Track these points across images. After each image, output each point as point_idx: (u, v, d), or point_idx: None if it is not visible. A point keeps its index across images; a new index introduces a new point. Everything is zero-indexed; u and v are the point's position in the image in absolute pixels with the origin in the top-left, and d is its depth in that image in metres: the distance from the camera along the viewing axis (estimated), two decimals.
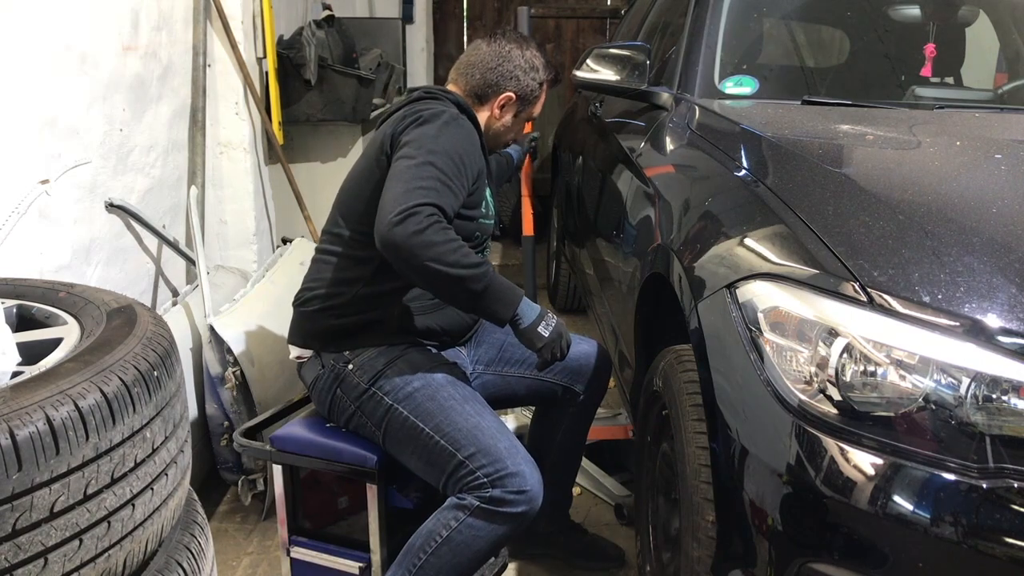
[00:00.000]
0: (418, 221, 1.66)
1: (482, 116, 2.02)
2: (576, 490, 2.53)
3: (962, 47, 2.78)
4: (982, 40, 2.82)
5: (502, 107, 2.02)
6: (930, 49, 2.42)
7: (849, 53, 2.67)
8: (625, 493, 2.57)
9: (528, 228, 3.23)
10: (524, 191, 3.24)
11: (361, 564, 1.92)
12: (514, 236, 3.18)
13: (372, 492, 1.86)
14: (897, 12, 2.68)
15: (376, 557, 1.90)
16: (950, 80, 2.75)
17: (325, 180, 3.85)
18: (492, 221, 2.08)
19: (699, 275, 1.59)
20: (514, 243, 4.91)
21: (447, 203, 1.74)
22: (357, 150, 4.04)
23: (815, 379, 1.26)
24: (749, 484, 1.34)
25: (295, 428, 1.97)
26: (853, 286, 1.26)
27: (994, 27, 2.82)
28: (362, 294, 1.91)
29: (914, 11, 2.69)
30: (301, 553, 2.00)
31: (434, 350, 1.98)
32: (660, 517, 1.81)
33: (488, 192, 2.05)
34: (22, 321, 1.54)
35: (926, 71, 2.42)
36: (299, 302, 2.00)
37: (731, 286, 1.44)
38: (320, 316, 1.94)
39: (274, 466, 1.98)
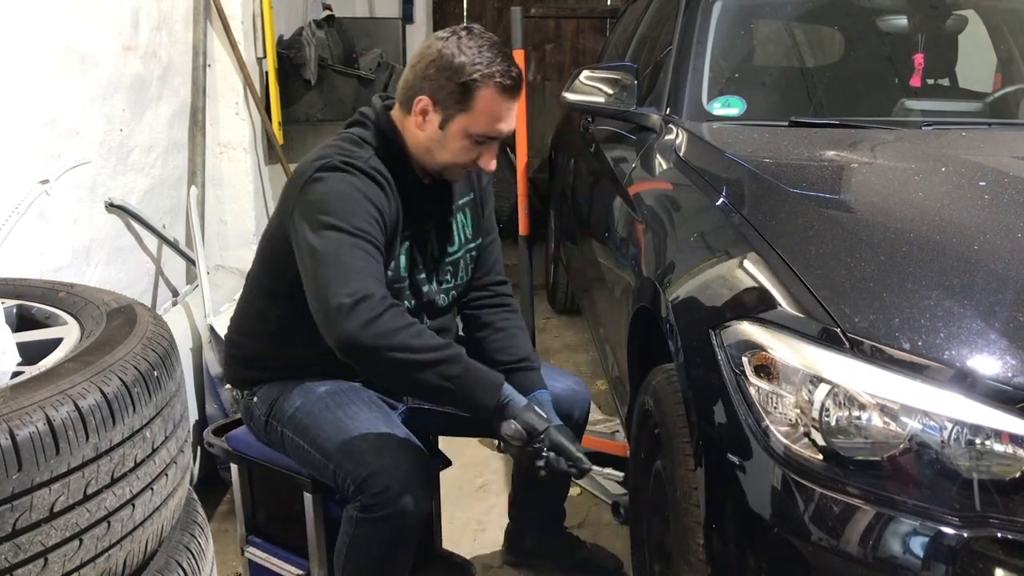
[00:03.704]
0: (370, 308, 1.51)
1: (409, 127, 1.73)
2: (575, 491, 2.54)
3: (954, 54, 2.78)
4: (981, 40, 2.83)
5: (422, 113, 1.69)
6: (919, 59, 2.42)
7: (838, 67, 2.68)
8: (621, 491, 2.57)
9: (523, 228, 3.22)
10: (520, 191, 3.24)
11: (301, 572, 1.92)
12: (513, 236, 3.18)
13: (309, 501, 1.85)
14: (886, 23, 2.68)
15: (314, 565, 1.89)
16: (944, 82, 2.75)
17: None
18: (422, 286, 1.79)
19: (685, 313, 1.59)
20: (512, 243, 4.91)
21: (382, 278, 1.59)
22: None
23: (799, 423, 1.26)
24: (734, 526, 1.35)
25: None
26: (835, 332, 1.26)
27: (988, 32, 2.83)
28: (265, 353, 1.85)
29: (902, 21, 2.70)
30: (253, 553, 2.01)
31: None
32: (655, 535, 1.81)
33: (405, 248, 1.78)
34: (22, 321, 1.54)
35: (915, 81, 2.42)
36: (225, 338, 1.97)
37: (716, 327, 1.44)
38: (232, 363, 1.93)
39: (232, 465, 2.00)
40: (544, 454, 1.61)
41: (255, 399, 1.86)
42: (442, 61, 1.65)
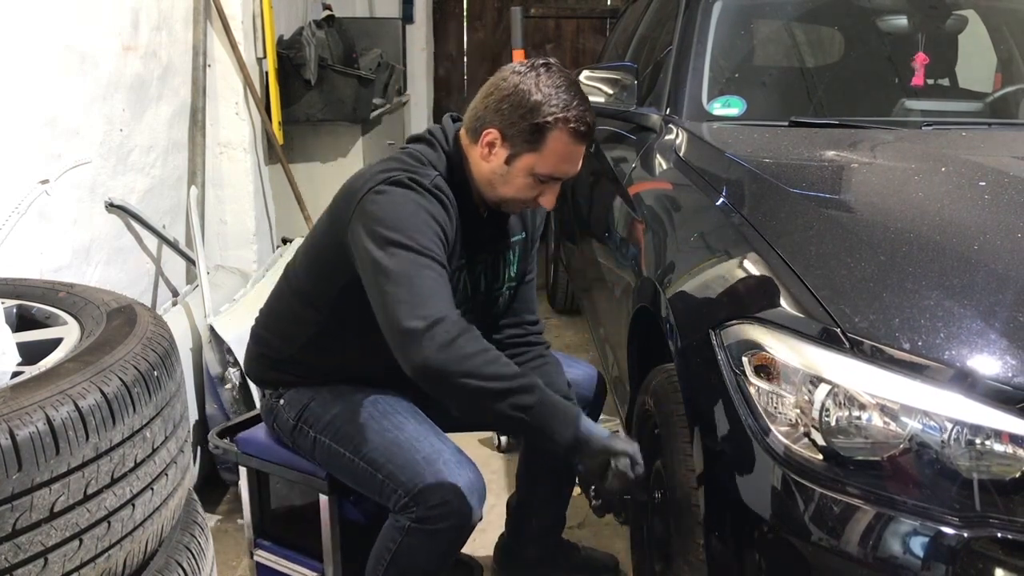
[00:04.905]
0: (445, 331, 1.46)
1: (473, 156, 1.70)
2: (576, 490, 2.53)
3: (954, 54, 2.79)
4: (981, 40, 2.83)
5: (489, 145, 1.66)
6: (920, 59, 2.42)
7: (838, 67, 2.68)
8: None
9: None
10: None
11: (314, 574, 1.92)
12: None
13: (325, 503, 1.84)
14: (886, 23, 2.68)
15: (328, 567, 1.89)
16: (944, 82, 2.75)
17: (325, 180, 3.85)
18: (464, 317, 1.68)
19: (685, 313, 1.59)
20: None
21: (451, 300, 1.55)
22: (357, 150, 4.04)
23: (799, 423, 1.26)
24: (734, 526, 1.35)
25: (261, 432, 1.97)
26: (835, 332, 1.26)
27: (988, 32, 2.83)
28: (299, 358, 1.83)
29: (902, 21, 2.70)
30: (263, 557, 2.00)
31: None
32: (655, 534, 1.80)
33: (459, 279, 1.76)
34: (22, 321, 1.54)
35: (917, 81, 2.42)
36: (252, 332, 1.94)
37: (716, 327, 1.44)
38: (259, 362, 1.91)
39: (241, 468, 1.99)
40: (642, 475, 1.55)
41: (281, 401, 1.85)
42: (517, 97, 1.61)
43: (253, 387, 2.48)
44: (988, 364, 1.17)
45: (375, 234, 1.56)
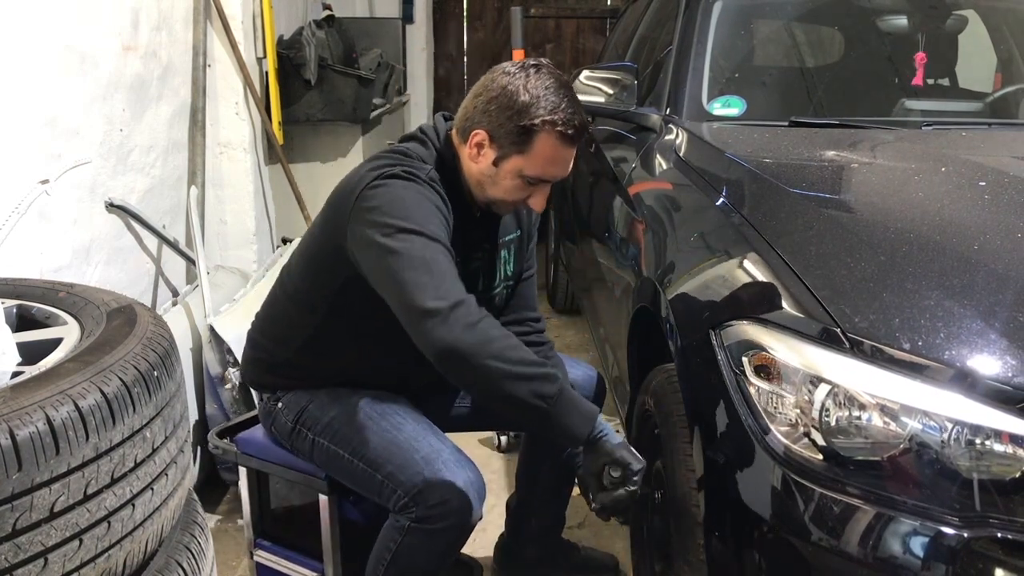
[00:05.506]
0: (467, 313, 1.45)
1: (463, 155, 1.68)
2: (576, 490, 2.53)
3: (954, 54, 2.79)
4: (981, 40, 2.83)
5: (477, 146, 1.64)
6: (919, 59, 2.42)
7: (838, 67, 2.68)
8: None
9: None
10: None
11: (314, 574, 1.92)
12: None
13: (325, 503, 1.84)
14: (886, 23, 2.69)
15: (328, 567, 1.89)
16: (944, 82, 2.75)
17: (325, 180, 3.84)
18: None
19: (685, 313, 1.59)
20: None
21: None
22: (357, 150, 4.04)
23: (799, 423, 1.26)
24: (734, 526, 1.35)
25: (261, 432, 1.96)
26: (835, 332, 1.26)
27: (988, 32, 2.83)
28: (295, 361, 1.82)
29: (902, 21, 2.70)
30: (263, 557, 2.00)
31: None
32: (655, 534, 1.81)
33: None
34: (22, 321, 1.54)
35: (916, 81, 2.43)
36: (248, 337, 1.93)
37: (716, 327, 1.44)
38: (256, 366, 1.90)
39: (240, 468, 1.99)
40: (636, 494, 1.53)
41: (279, 404, 1.84)
42: (504, 99, 1.59)
43: None
44: (988, 364, 1.17)
45: (381, 225, 1.54)
